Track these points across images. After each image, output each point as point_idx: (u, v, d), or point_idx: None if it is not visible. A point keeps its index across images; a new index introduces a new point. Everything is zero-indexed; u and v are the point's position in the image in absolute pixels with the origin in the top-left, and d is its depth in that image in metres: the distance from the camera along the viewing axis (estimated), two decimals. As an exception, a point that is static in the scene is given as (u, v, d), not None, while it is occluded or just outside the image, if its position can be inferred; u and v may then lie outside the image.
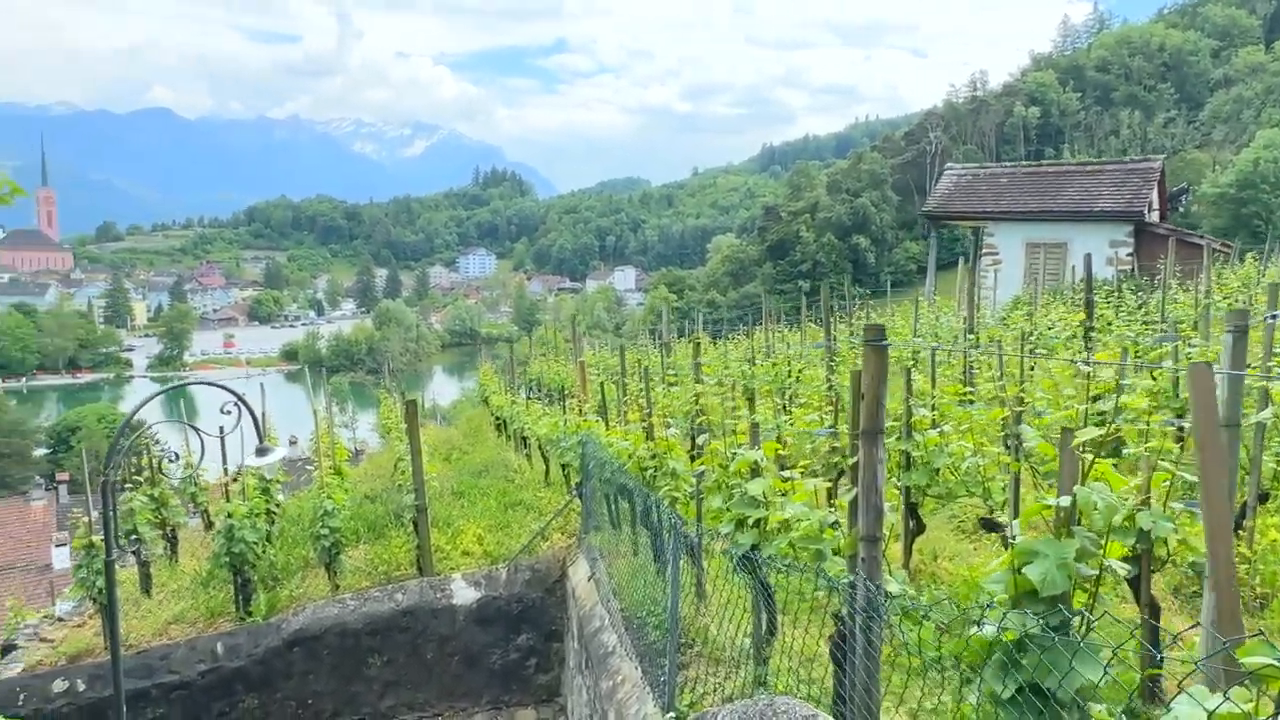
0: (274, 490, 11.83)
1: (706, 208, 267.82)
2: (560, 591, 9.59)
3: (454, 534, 10.67)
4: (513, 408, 14.82)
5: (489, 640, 9.50)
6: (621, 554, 7.98)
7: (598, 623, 7.39)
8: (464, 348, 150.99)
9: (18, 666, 8.94)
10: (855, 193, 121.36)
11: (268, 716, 8.90)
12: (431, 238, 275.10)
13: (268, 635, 9.05)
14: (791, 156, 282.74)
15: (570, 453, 10.18)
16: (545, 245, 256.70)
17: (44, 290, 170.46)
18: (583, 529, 9.80)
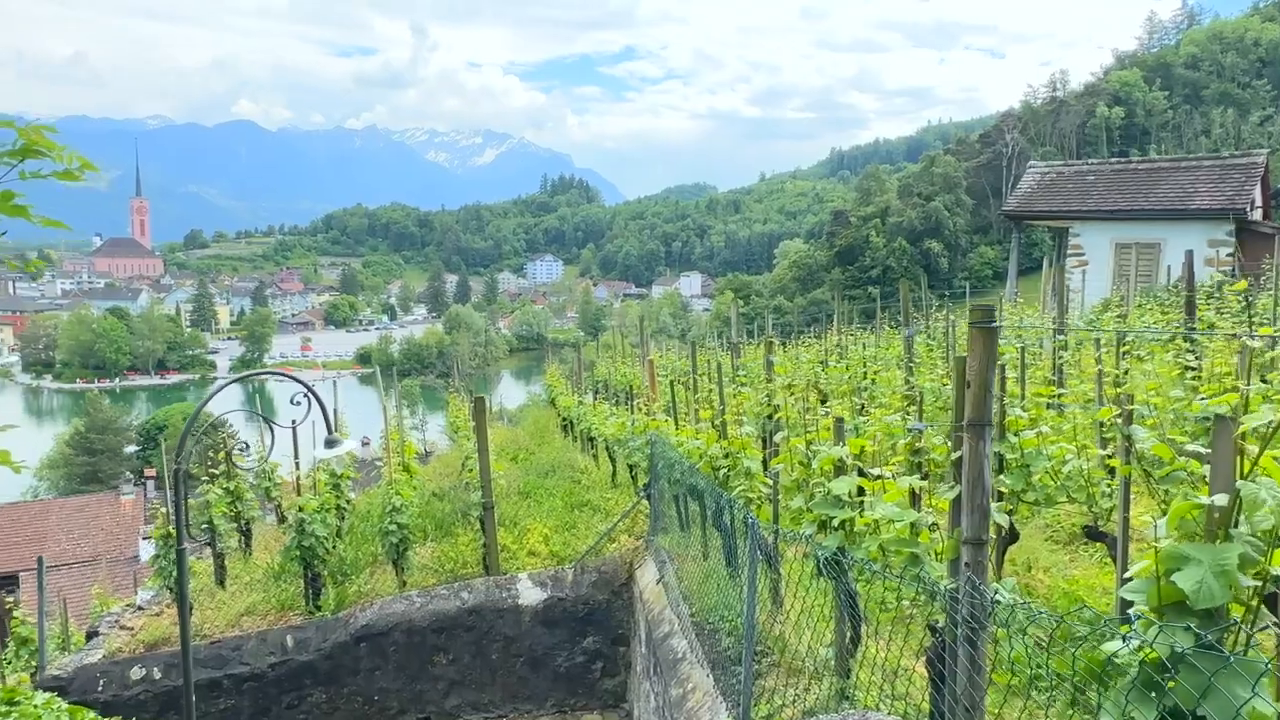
0: (345, 487, 11.93)
1: (774, 213, 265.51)
2: (627, 594, 9.37)
3: (520, 533, 10.56)
4: (579, 408, 14.70)
5: (554, 642, 9.34)
6: (691, 557, 7.73)
7: (666, 627, 7.14)
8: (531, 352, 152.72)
9: (98, 653, 9.14)
10: (928, 197, 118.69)
11: (335, 711, 8.90)
12: (500, 244, 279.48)
13: (336, 630, 9.06)
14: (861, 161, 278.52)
15: (638, 453, 9.97)
16: (611, 251, 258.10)
17: (136, 295, 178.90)
18: (650, 531, 9.57)
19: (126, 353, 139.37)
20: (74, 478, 67.79)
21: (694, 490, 7.85)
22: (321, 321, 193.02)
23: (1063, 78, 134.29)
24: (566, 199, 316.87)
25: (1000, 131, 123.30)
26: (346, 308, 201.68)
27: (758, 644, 5.39)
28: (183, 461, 5.31)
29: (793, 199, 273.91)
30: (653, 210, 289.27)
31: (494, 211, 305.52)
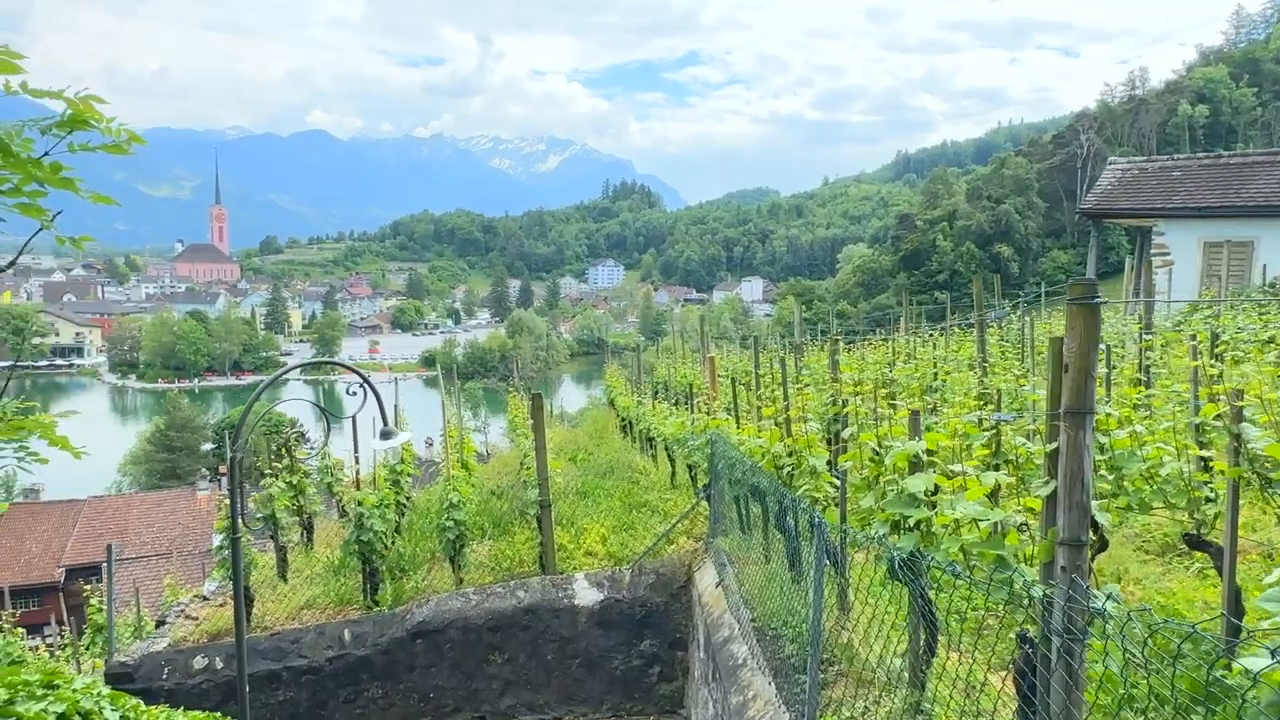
0: (404, 483, 11.97)
1: (837, 217, 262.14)
2: (685, 597, 9.13)
3: (577, 533, 10.41)
4: (639, 408, 14.51)
5: (610, 644, 9.14)
6: (751, 560, 7.45)
7: (726, 632, 6.87)
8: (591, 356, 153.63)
9: (164, 641, 9.28)
10: (998, 199, 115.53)
11: (391, 708, 8.87)
12: (562, 249, 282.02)
13: (392, 625, 9.03)
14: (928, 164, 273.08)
15: (698, 453, 9.72)
16: (672, 256, 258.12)
17: (215, 299, 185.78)
18: (710, 533, 9.31)
19: (204, 354, 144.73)
20: (154, 474, 70.46)
21: (755, 490, 7.57)
22: (389, 325, 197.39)
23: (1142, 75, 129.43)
24: (628, 204, 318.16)
25: (1075, 132, 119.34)
26: (413, 312, 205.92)
27: (824, 652, 5.10)
28: (239, 450, 5.29)
29: (856, 203, 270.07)
30: (714, 215, 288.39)
31: (556, 217, 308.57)
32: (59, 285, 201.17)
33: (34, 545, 43.19)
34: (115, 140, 3.24)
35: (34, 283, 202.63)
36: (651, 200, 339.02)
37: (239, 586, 5.38)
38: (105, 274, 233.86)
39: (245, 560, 9.33)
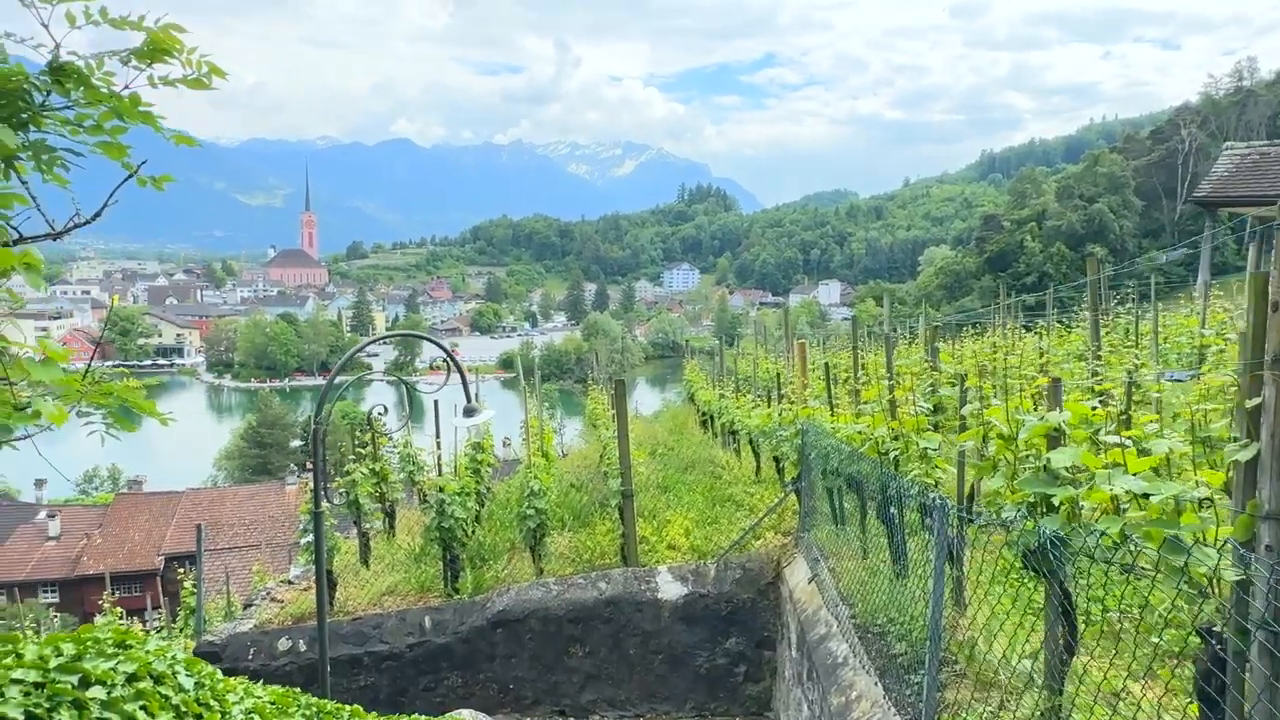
0: (485, 473, 11.87)
1: (918, 219, 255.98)
2: (774, 594, 8.71)
3: (659, 526, 10.10)
4: (721, 401, 14.12)
5: (695, 641, 8.79)
6: (847, 554, 7.00)
7: (823, 629, 6.44)
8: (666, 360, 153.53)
9: (250, 623, 9.36)
10: (1090, 198, 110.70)
11: (470, 697, 8.70)
12: (638, 253, 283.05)
13: (472, 614, 8.88)
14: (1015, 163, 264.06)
15: (786, 444, 9.29)
16: (748, 260, 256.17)
17: (304, 302, 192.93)
18: (800, 527, 8.87)
19: (294, 355, 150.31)
20: (247, 468, 73.29)
21: (851, 481, 7.12)
22: (468, 328, 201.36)
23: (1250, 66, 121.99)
24: (704, 208, 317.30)
25: (1175, 126, 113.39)
26: (491, 315, 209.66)
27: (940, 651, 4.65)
28: (323, 422, 5.16)
29: (939, 204, 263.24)
30: (790, 218, 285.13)
31: (632, 221, 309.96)
32: (162, 289, 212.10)
33: (136, 534, 45.30)
34: (196, 74, 3.07)
35: (140, 286, 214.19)
36: (727, 203, 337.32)
37: (320, 560, 5.25)
38: (204, 278, 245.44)
39: (328, 544, 9.33)
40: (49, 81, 2.88)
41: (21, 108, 2.90)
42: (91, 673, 2.28)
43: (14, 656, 2.20)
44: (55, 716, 2.09)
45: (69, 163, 2.99)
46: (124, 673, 2.42)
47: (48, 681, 2.13)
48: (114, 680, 2.37)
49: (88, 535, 45.43)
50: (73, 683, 2.19)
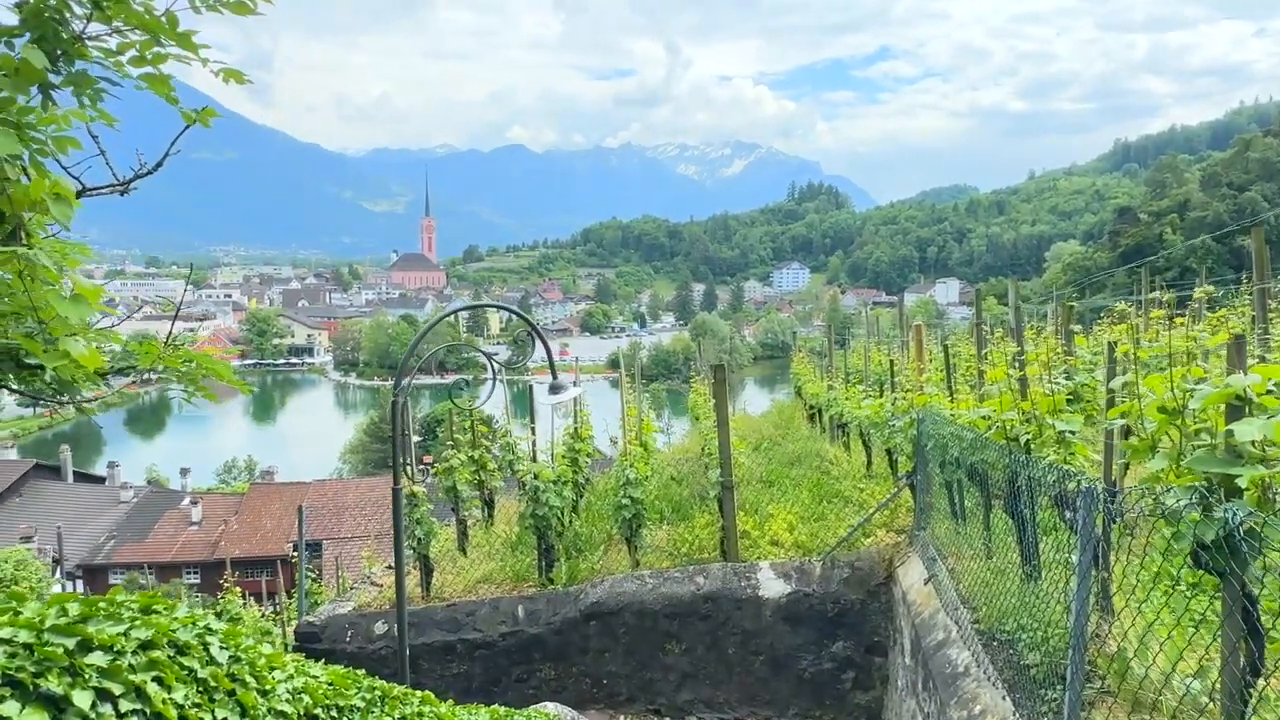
0: (582, 463, 11.62)
1: (1044, 213, 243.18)
2: (885, 596, 8.05)
3: (762, 520, 9.56)
4: (830, 393, 13.42)
5: (798, 643, 8.22)
6: (968, 553, 6.32)
7: (940, 635, 5.79)
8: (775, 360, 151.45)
9: (349, 605, 9.40)
10: (1240, 187, 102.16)
11: (563, 690, 8.43)
12: (747, 253, 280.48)
13: (566, 605, 8.60)
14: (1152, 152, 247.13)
15: (900, 435, 8.59)
16: (861, 258, 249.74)
17: (424, 304, 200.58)
18: (915, 524, 8.17)
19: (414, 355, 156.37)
20: (369, 462, 76.59)
21: (973, 472, 6.43)
22: (578, 328, 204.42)
23: None
24: (815, 206, 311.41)
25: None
26: (600, 316, 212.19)
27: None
28: (403, 392, 4.95)
29: (1066, 198, 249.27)
30: (906, 214, 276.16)
31: (741, 221, 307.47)
32: (295, 292, 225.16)
33: (268, 522, 47.86)
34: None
35: (275, 290, 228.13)
36: (839, 201, 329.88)
37: (399, 533, 5.04)
38: (332, 282, 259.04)
39: (425, 530, 9.26)
40: (89, 7, 2.70)
41: (63, 39, 2.73)
42: (94, 637, 2.04)
43: (12, 614, 1.99)
44: (41, 683, 1.85)
45: (108, 92, 2.82)
46: (136, 639, 2.18)
47: (38, 644, 1.90)
48: (123, 647, 2.12)
49: (225, 521, 48.36)
50: (68, 646, 1.95)
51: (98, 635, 2.05)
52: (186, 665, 2.35)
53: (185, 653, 2.38)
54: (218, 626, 2.63)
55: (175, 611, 2.49)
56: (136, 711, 2.06)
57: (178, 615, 2.47)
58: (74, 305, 2.47)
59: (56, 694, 1.87)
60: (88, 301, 2.49)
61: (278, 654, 3.09)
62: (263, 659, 2.88)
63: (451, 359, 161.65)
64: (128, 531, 46.62)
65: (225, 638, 2.65)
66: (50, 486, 51.24)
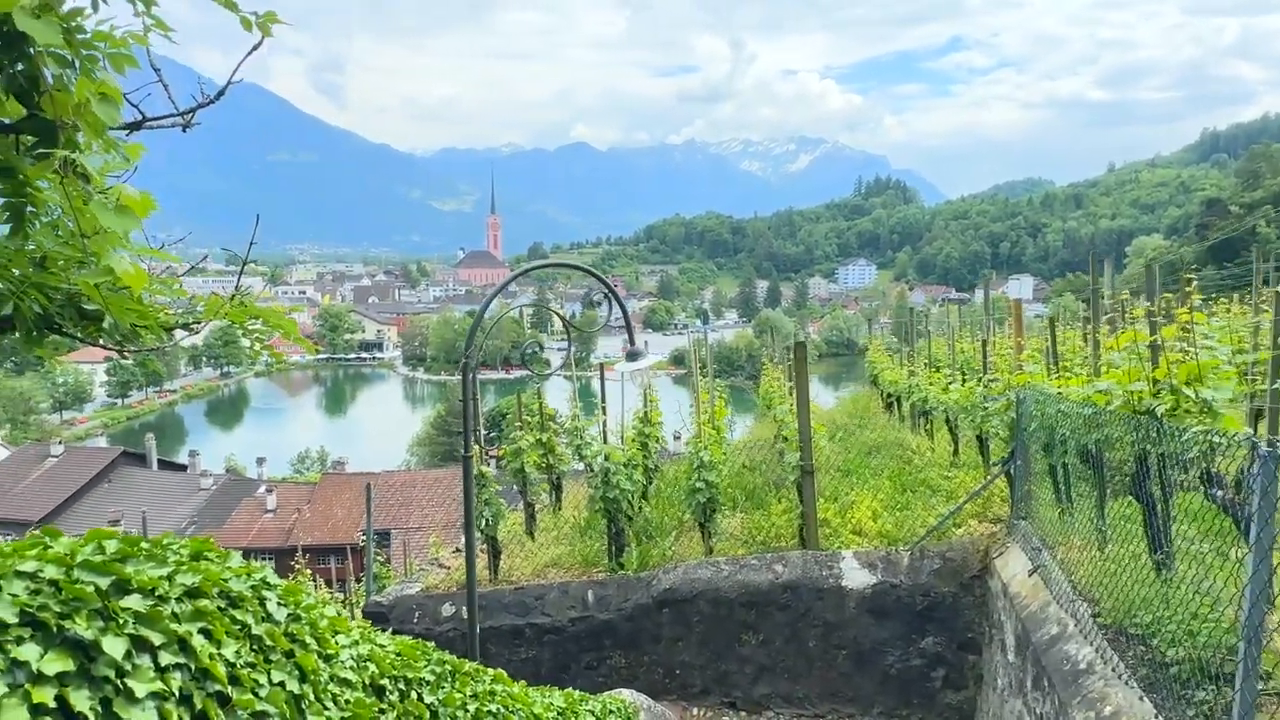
0: (652, 447, 11.29)
1: (1125, 206, 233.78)
2: (980, 590, 7.49)
3: (843, 508, 9.08)
4: (910, 379, 12.80)
5: (884, 637, 7.73)
6: (1079, 542, 5.77)
7: (1054, 629, 5.27)
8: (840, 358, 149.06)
9: (416, 587, 9.26)
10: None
11: (634, 680, 8.11)
12: (811, 249, 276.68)
13: (637, 591, 8.27)
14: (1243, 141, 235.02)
15: (995, 418, 8.01)
16: (929, 254, 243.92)
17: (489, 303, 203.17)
18: (1013, 512, 7.59)
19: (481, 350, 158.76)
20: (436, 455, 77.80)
21: (1087, 454, 5.87)
22: (641, 325, 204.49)
23: None
24: (882, 201, 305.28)
25: None
26: (663, 312, 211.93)
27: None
28: (473, 358, 4.69)
29: (1149, 190, 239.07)
30: (977, 209, 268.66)
31: (805, 217, 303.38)
32: (366, 289, 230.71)
33: (339, 510, 48.92)
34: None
35: (347, 287, 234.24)
36: (907, 196, 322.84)
37: (469, 501, 4.77)
38: (401, 279, 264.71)
39: (493, 511, 9.05)
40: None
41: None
42: (132, 578, 1.77)
43: (41, 547, 1.73)
44: (68, 625, 1.58)
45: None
46: (181, 585, 1.90)
47: (67, 581, 1.64)
48: (166, 592, 1.85)
49: (299, 510, 49.61)
50: (101, 586, 1.68)
51: (136, 577, 1.78)
52: (239, 619, 2.08)
53: (238, 605, 2.11)
54: (276, 581, 2.37)
55: (229, 560, 2.24)
56: (179, 666, 1.78)
57: (231, 565, 2.21)
58: (119, 217, 2.22)
59: (85, 639, 1.59)
60: (134, 214, 2.23)
61: (342, 618, 2.83)
62: (325, 620, 2.61)
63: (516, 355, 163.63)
64: (207, 517, 48.21)
65: (284, 594, 2.39)
66: (136, 473, 53.36)
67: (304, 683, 2.28)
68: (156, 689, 1.69)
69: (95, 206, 2.17)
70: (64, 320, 3.03)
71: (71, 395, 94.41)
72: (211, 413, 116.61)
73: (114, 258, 2.26)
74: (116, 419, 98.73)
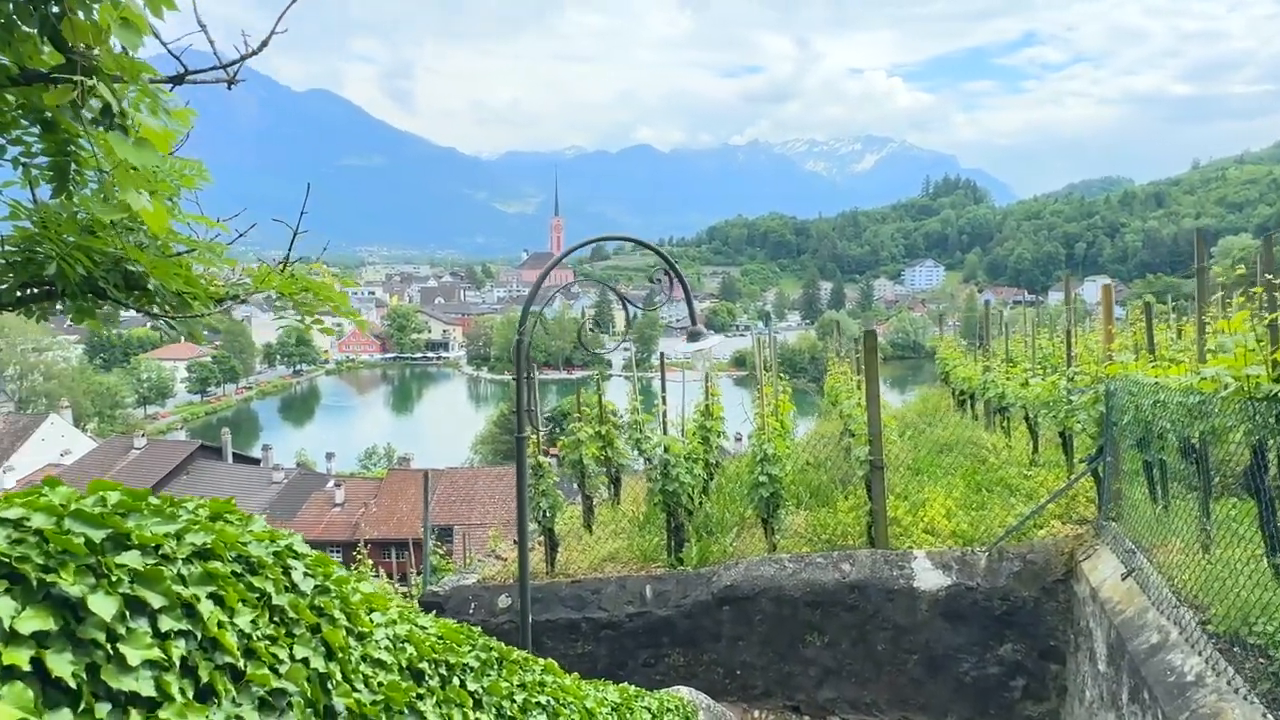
0: (714, 441, 11.00)
1: (1210, 205, 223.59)
2: (1064, 595, 7.00)
3: (914, 506, 8.64)
4: (986, 375, 12.20)
5: (959, 643, 7.29)
6: (1179, 544, 5.28)
7: (1154, 637, 4.81)
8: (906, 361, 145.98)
9: (473, 577, 9.16)
10: None
11: (693, 679, 7.83)
12: (877, 250, 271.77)
13: (697, 587, 7.99)
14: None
15: (1082, 412, 7.49)
16: (1000, 255, 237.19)
17: (552, 301, 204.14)
18: (1102, 513, 7.08)
19: (542, 350, 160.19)
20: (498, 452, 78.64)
21: (1188, 448, 5.40)
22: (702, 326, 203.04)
23: None
24: (950, 201, 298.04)
25: None
26: (725, 314, 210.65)
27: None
28: (528, 334, 4.49)
29: (1237, 188, 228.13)
30: (1051, 209, 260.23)
31: (871, 217, 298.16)
32: (432, 290, 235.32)
33: (404, 505, 49.78)
34: None
35: (414, 288, 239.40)
36: (977, 195, 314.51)
37: (522, 480, 4.57)
38: (467, 280, 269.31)
39: (550, 502, 8.88)
40: None
41: None
42: (131, 532, 1.59)
43: (36, 495, 1.57)
44: (53, 580, 1.40)
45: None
46: (191, 545, 1.72)
47: (54, 532, 1.46)
48: (171, 551, 1.66)
49: (365, 504, 50.66)
50: (93, 539, 1.50)
51: (137, 532, 1.60)
52: (257, 587, 1.89)
53: (257, 572, 1.92)
54: (304, 550, 2.18)
55: (251, 524, 2.06)
56: (183, 634, 1.59)
57: (253, 528, 2.03)
58: (137, 150, 2.05)
59: (71, 596, 1.41)
60: (153, 147, 2.07)
61: (379, 595, 2.64)
62: (358, 595, 2.42)
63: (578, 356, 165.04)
64: (278, 510, 49.57)
65: (312, 564, 2.20)
66: (213, 466, 55.24)
67: (331, 661, 2.08)
68: (153, 657, 1.49)
69: (113, 138, 2.02)
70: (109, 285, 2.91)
71: (155, 390, 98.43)
72: (285, 409, 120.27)
73: (131, 195, 2.10)
74: (196, 414, 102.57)
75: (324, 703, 2.02)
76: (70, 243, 2.66)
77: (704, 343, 5.02)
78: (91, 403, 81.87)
